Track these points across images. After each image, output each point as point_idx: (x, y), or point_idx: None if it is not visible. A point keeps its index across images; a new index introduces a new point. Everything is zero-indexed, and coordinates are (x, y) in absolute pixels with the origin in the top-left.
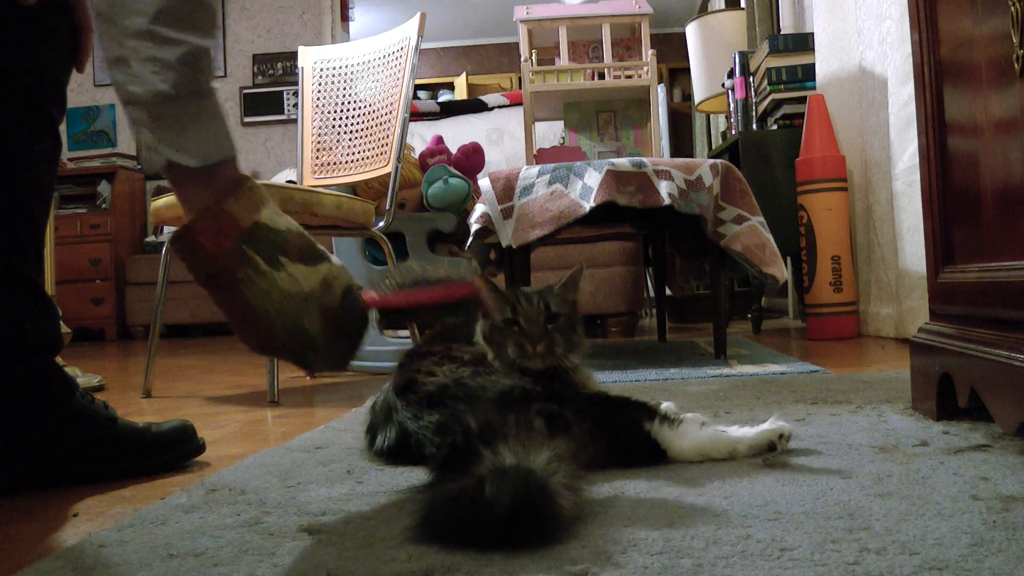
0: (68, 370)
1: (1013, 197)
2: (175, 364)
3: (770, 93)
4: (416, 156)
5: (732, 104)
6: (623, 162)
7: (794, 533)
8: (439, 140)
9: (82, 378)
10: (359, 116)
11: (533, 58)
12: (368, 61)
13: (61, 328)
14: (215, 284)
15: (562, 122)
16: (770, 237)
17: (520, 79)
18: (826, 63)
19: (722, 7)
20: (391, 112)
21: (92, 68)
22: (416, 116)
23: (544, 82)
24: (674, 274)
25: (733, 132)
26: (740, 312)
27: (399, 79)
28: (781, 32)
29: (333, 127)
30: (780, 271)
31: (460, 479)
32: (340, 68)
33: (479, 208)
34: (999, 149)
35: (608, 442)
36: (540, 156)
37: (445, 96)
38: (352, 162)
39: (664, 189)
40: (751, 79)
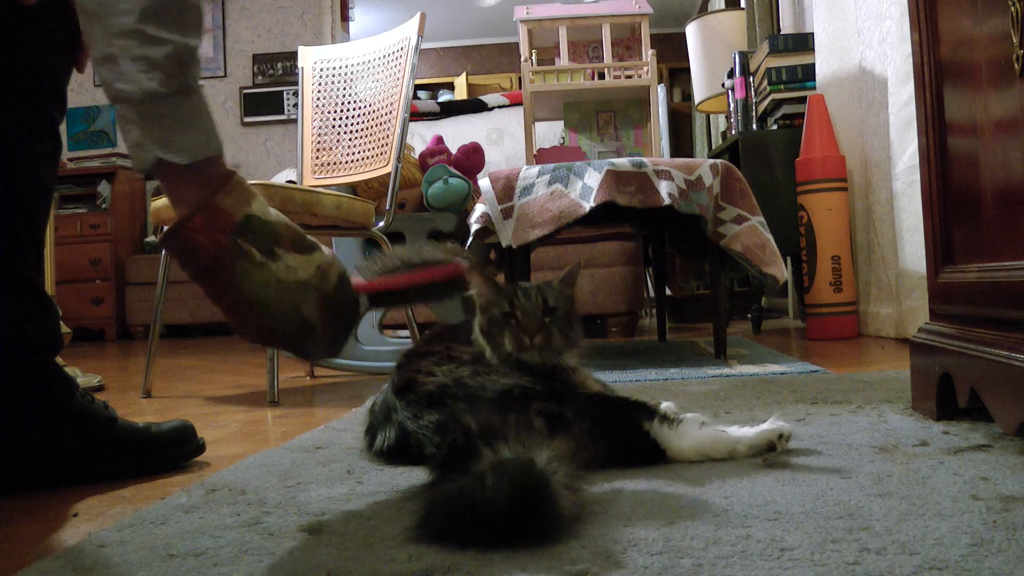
0: (68, 370)
1: (1013, 197)
2: (175, 364)
3: (770, 93)
4: (416, 156)
5: (732, 104)
6: (623, 162)
7: (794, 533)
8: (439, 140)
9: (82, 378)
10: (359, 116)
11: (533, 58)
12: (368, 61)
13: (61, 328)
14: (210, 279)
15: (562, 122)
16: (770, 237)
17: (520, 79)
18: (826, 63)
19: (722, 7)
20: (391, 112)
21: (92, 68)
22: (416, 116)
23: (544, 82)
24: (674, 274)
25: (733, 132)
26: (740, 312)
27: (399, 79)
28: (781, 32)
29: (333, 127)
30: (780, 271)
31: (460, 478)
32: (340, 68)
33: (479, 208)
34: (999, 149)
35: (608, 442)
36: (540, 156)
37: (445, 96)
38: (352, 162)
39: (664, 189)
40: (751, 79)
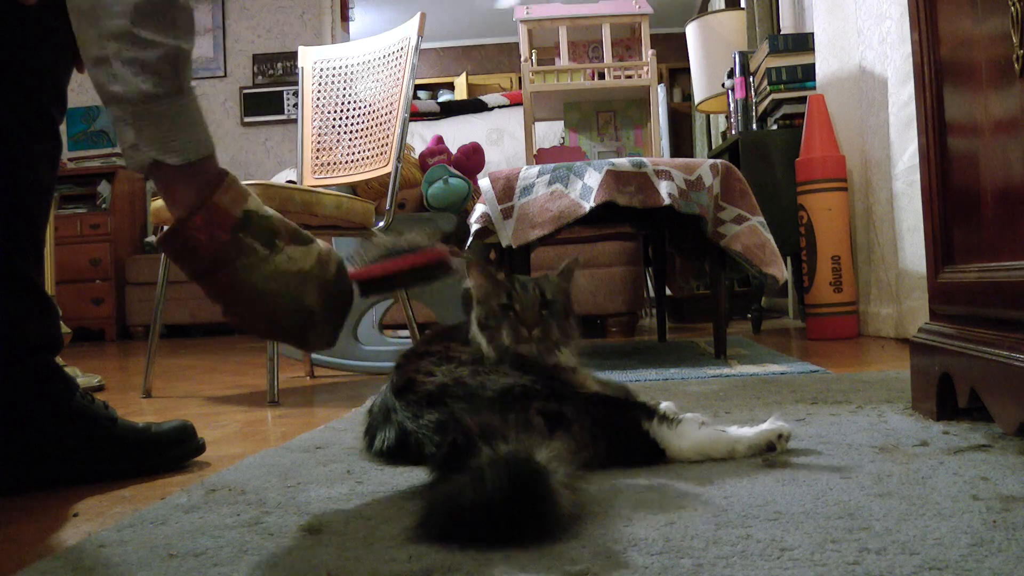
0: (68, 370)
1: (1013, 197)
2: (175, 364)
3: (770, 93)
4: (416, 156)
5: (732, 104)
6: (623, 162)
7: (794, 533)
8: (439, 140)
9: (82, 378)
10: (359, 116)
11: (533, 58)
12: (368, 61)
13: (61, 328)
14: (212, 277)
15: (562, 122)
16: (770, 237)
17: (520, 79)
18: (826, 63)
19: (722, 7)
20: (391, 112)
21: None
22: (416, 116)
23: (544, 82)
24: (674, 274)
25: (733, 132)
26: (740, 312)
27: (399, 79)
28: (781, 32)
29: (333, 127)
30: (780, 271)
31: (460, 477)
32: (340, 68)
33: (479, 208)
34: (999, 149)
35: (608, 442)
36: (540, 156)
37: (445, 96)
38: (352, 162)
39: (664, 189)
40: (751, 79)
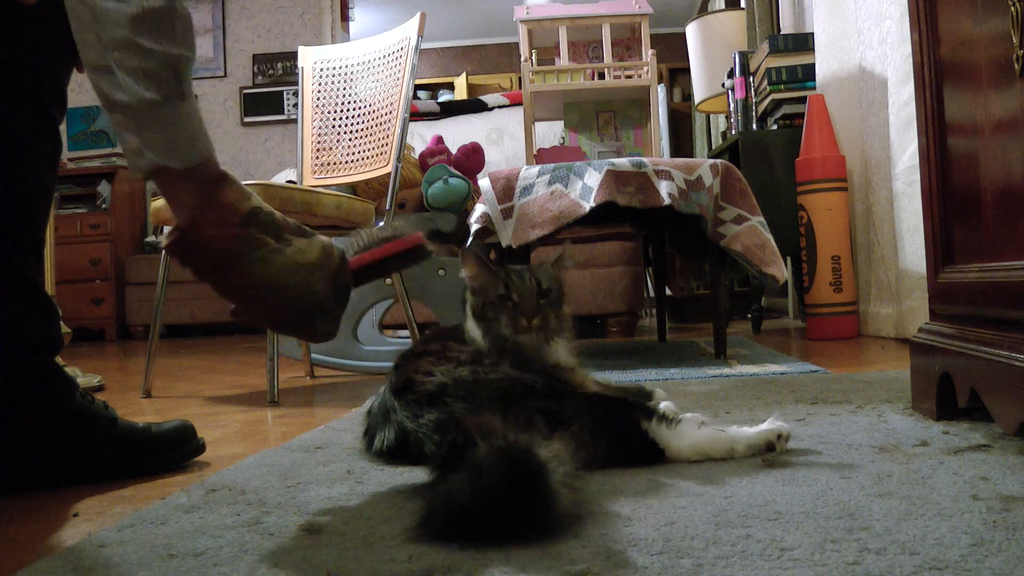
0: (68, 370)
1: (1013, 197)
2: (175, 364)
3: (770, 93)
4: (416, 156)
5: (732, 104)
6: (623, 162)
7: (794, 533)
8: (439, 140)
9: (82, 378)
10: (359, 116)
11: (533, 58)
12: (368, 61)
13: (61, 328)
14: (223, 274)
15: (562, 122)
16: (770, 237)
17: (520, 79)
18: (826, 63)
19: (722, 7)
20: (391, 112)
21: None
22: (416, 116)
23: (544, 82)
24: (674, 274)
25: (733, 132)
26: (740, 312)
27: (399, 79)
28: (781, 32)
29: (333, 127)
30: (780, 271)
31: (459, 475)
32: (340, 68)
33: (479, 208)
34: (999, 149)
35: (607, 442)
36: (540, 156)
37: (445, 96)
38: (352, 162)
39: (664, 189)
40: (751, 79)
